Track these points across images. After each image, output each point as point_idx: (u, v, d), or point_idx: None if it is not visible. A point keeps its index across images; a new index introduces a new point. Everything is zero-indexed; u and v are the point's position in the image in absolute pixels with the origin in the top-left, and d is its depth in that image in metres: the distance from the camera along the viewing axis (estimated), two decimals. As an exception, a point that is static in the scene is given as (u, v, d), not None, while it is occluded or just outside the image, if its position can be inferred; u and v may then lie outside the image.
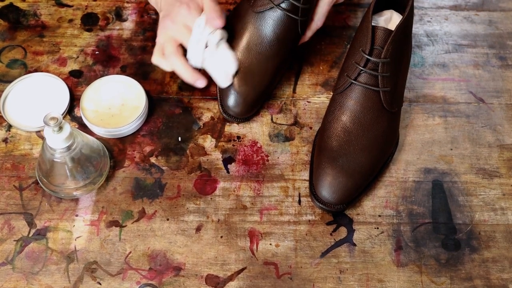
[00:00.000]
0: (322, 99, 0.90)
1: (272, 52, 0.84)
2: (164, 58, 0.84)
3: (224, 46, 0.83)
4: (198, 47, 0.81)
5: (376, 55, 0.77)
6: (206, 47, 0.82)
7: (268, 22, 0.83)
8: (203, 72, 0.85)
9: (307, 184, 0.82)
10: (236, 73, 0.84)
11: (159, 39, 0.85)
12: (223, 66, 0.82)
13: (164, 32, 0.84)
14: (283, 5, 0.81)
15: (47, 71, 0.91)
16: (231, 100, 0.84)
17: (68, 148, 0.74)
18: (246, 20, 0.85)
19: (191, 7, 0.82)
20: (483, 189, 0.82)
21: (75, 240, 0.77)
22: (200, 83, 0.83)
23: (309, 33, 0.88)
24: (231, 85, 0.84)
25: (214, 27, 0.81)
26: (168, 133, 0.86)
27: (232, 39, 0.85)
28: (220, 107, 0.86)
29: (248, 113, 0.85)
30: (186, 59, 0.83)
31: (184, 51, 0.83)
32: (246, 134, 0.86)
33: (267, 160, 0.84)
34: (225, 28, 0.83)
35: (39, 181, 0.80)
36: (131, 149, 0.84)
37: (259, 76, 0.84)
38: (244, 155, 0.84)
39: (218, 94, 0.87)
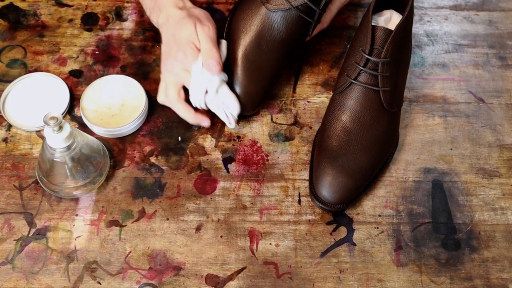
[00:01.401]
0: (322, 99, 0.90)
1: (282, 51, 0.84)
2: (165, 101, 0.85)
3: (225, 90, 0.82)
4: (199, 92, 0.81)
5: (376, 55, 0.77)
6: (207, 92, 0.81)
7: (282, 22, 0.82)
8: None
9: (307, 183, 0.82)
10: (244, 70, 0.83)
11: (162, 78, 0.85)
12: (225, 109, 0.82)
13: (167, 74, 0.84)
14: (300, 7, 0.81)
15: (47, 71, 0.91)
16: (239, 98, 0.84)
17: (68, 147, 0.74)
18: (258, 17, 0.84)
19: (186, 52, 0.81)
20: (483, 189, 0.82)
21: (75, 239, 0.77)
22: (205, 123, 0.84)
23: (313, 33, 0.88)
24: (238, 83, 0.83)
25: (211, 74, 0.80)
26: (168, 133, 0.86)
27: (239, 32, 0.85)
28: None
29: (253, 110, 0.86)
30: (189, 103, 0.83)
31: (187, 92, 0.83)
32: (246, 134, 0.86)
33: (267, 160, 0.84)
34: (224, 70, 0.82)
35: (39, 181, 0.80)
36: (131, 149, 0.84)
37: (266, 74, 0.84)
38: (244, 154, 0.84)
39: None
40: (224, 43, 0.85)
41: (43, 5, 0.99)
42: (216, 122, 0.87)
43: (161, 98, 0.85)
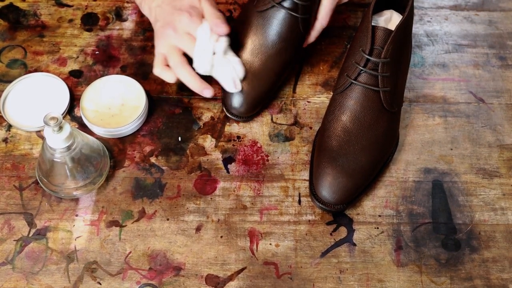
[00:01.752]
0: (322, 99, 0.90)
1: (275, 51, 0.84)
2: (166, 69, 0.83)
3: (231, 53, 0.82)
4: (205, 55, 0.80)
5: (376, 55, 0.77)
6: (213, 54, 0.81)
7: (271, 21, 0.83)
8: (209, 79, 0.84)
9: (307, 184, 0.82)
10: (244, 77, 0.84)
11: (159, 49, 0.83)
12: (231, 73, 0.82)
13: (165, 41, 0.82)
14: (284, 3, 0.81)
15: (47, 71, 0.91)
16: (235, 100, 0.84)
17: (68, 148, 0.74)
18: (249, 20, 0.85)
19: (192, 15, 0.80)
20: (483, 189, 0.82)
21: (75, 240, 0.77)
22: (208, 92, 0.82)
23: (313, 33, 0.87)
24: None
25: (219, 34, 0.80)
26: (168, 133, 0.86)
27: (237, 39, 0.85)
28: (223, 106, 0.86)
29: (251, 111, 0.85)
30: (193, 68, 0.82)
31: (188, 59, 0.83)
32: (246, 134, 0.86)
33: (267, 160, 0.84)
34: (229, 34, 0.82)
35: (39, 181, 0.80)
36: (131, 149, 0.84)
37: (262, 75, 0.84)
38: (244, 155, 0.84)
39: (222, 93, 0.87)
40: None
41: (43, 5, 0.99)
42: (216, 123, 0.87)
43: (157, 70, 0.83)
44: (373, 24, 0.78)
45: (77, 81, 0.91)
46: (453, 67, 0.94)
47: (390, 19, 0.83)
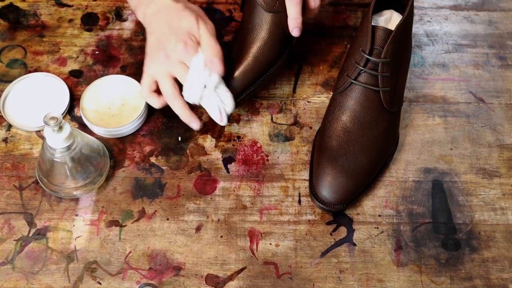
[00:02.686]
0: (322, 99, 0.90)
1: (249, 40, 0.83)
2: (153, 95, 0.81)
3: (222, 87, 0.80)
4: (196, 86, 0.79)
5: (376, 55, 0.77)
6: (204, 87, 0.79)
7: (246, 11, 0.84)
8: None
9: (307, 184, 0.82)
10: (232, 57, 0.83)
11: (149, 71, 0.81)
12: (220, 105, 0.80)
13: (157, 66, 0.80)
14: None
15: (47, 71, 0.91)
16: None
17: (68, 148, 0.74)
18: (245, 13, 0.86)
19: (188, 45, 0.78)
20: (483, 189, 0.82)
21: (75, 239, 0.77)
22: (195, 125, 0.80)
23: (289, 11, 0.81)
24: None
25: (213, 71, 0.78)
26: (168, 133, 0.86)
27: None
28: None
29: (237, 96, 0.83)
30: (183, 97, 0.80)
31: (178, 85, 0.81)
32: (246, 134, 0.86)
33: (267, 160, 0.84)
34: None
35: (39, 181, 0.80)
36: (131, 149, 0.84)
37: (245, 67, 0.83)
38: (244, 155, 0.84)
39: None
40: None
41: (43, 5, 0.99)
42: (216, 123, 0.87)
43: (144, 94, 0.82)
44: (373, 24, 0.78)
45: (77, 81, 0.91)
46: (453, 67, 0.94)
47: (390, 19, 0.83)
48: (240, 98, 0.84)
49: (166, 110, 0.88)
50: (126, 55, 0.93)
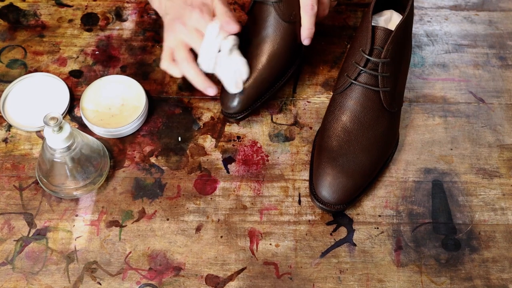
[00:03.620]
0: (322, 99, 0.90)
1: (263, 47, 0.84)
2: (173, 64, 0.82)
3: (237, 53, 0.81)
4: (211, 52, 0.80)
5: (376, 55, 0.77)
6: (219, 52, 0.80)
7: (255, 18, 0.84)
8: (212, 77, 0.84)
9: (307, 184, 0.82)
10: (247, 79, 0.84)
11: (167, 43, 0.83)
12: (235, 72, 0.81)
13: (174, 35, 0.82)
14: None
15: (47, 71, 0.91)
16: (229, 97, 0.83)
17: (68, 148, 0.74)
18: (246, 23, 0.87)
19: (204, 11, 0.80)
20: (483, 189, 0.82)
21: (75, 240, 0.77)
22: (211, 91, 0.81)
23: (304, 23, 0.84)
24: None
25: (229, 33, 0.79)
26: (168, 133, 0.86)
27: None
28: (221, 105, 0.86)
29: (245, 110, 0.84)
30: (198, 65, 0.82)
31: (194, 55, 0.82)
32: (246, 134, 0.86)
33: (267, 160, 0.84)
34: (239, 34, 0.82)
35: (39, 181, 0.80)
36: (131, 149, 0.84)
37: (256, 73, 0.83)
38: (244, 155, 0.84)
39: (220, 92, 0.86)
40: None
41: (43, 5, 0.99)
42: (216, 123, 0.87)
43: (165, 64, 0.83)
44: (373, 24, 0.78)
45: (77, 81, 0.91)
46: (453, 67, 0.94)
47: (390, 19, 0.83)
48: (255, 106, 0.85)
49: (166, 110, 0.88)
50: (126, 55, 0.93)
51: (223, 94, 0.84)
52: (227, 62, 0.81)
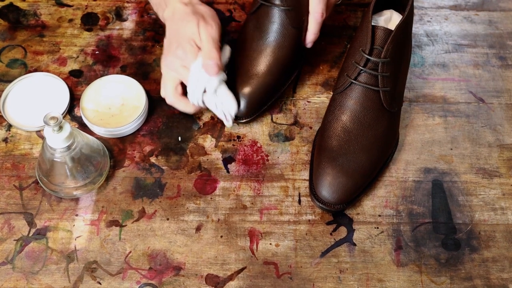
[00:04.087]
0: (322, 99, 0.90)
1: (270, 50, 0.84)
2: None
3: (223, 90, 0.81)
4: (197, 90, 0.81)
5: (376, 55, 0.77)
6: (205, 91, 0.81)
7: (261, 21, 0.84)
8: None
9: (307, 183, 0.82)
10: (240, 75, 0.84)
11: (162, 72, 0.85)
12: (223, 108, 0.82)
13: (166, 68, 0.84)
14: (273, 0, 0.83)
15: (47, 71, 0.91)
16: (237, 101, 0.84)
17: (68, 147, 0.74)
18: (245, 25, 0.87)
19: (186, 50, 0.80)
20: (483, 189, 0.82)
21: (75, 239, 0.77)
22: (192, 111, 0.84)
23: (311, 28, 0.85)
24: (236, 87, 0.83)
25: (209, 75, 0.80)
26: (168, 133, 0.86)
27: (240, 40, 0.87)
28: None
29: (251, 115, 0.85)
30: (186, 97, 0.83)
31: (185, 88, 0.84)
32: (246, 134, 0.86)
33: (267, 160, 0.84)
34: (224, 70, 0.83)
35: (39, 181, 0.80)
36: (131, 149, 0.84)
37: (263, 78, 0.84)
38: (244, 155, 0.84)
39: None
40: (227, 48, 0.85)
41: (43, 5, 0.99)
42: (216, 123, 0.87)
43: (162, 93, 0.85)
44: (373, 24, 0.78)
45: (77, 81, 0.91)
46: (453, 67, 0.94)
47: (390, 19, 0.83)
48: (260, 111, 0.86)
49: (166, 110, 0.88)
50: (126, 55, 0.93)
51: None
52: (213, 100, 0.82)
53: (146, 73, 0.91)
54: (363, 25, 0.78)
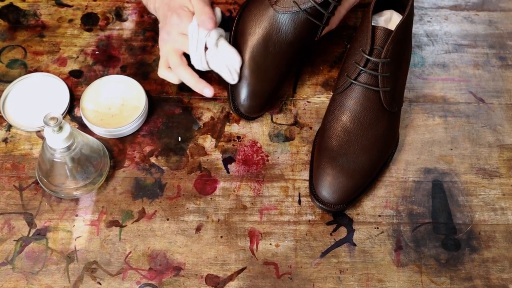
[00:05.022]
0: (322, 99, 0.90)
1: (289, 53, 0.84)
2: (169, 71, 0.85)
3: (224, 44, 0.82)
4: (198, 51, 0.81)
5: (376, 55, 0.77)
6: (206, 49, 0.82)
7: (290, 25, 0.82)
8: (210, 78, 0.85)
9: (307, 184, 0.82)
10: (251, 72, 0.83)
11: (161, 52, 0.86)
12: (227, 63, 0.82)
13: (164, 44, 0.84)
14: (309, 10, 0.81)
15: (47, 71, 0.91)
16: (245, 98, 0.84)
17: (68, 148, 0.74)
18: (266, 18, 0.83)
19: (181, 15, 0.82)
20: (483, 189, 0.82)
21: (75, 240, 0.77)
22: (208, 91, 0.83)
23: (321, 35, 0.87)
24: (245, 83, 0.83)
25: (207, 30, 0.81)
26: (168, 133, 0.86)
27: (246, 33, 0.85)
28: (231, 105, 0.86)
29: (259, 112, 0.86)
30: (191, 67, 0.83)
31: (188, 59, 0.84)
32: (246, 134, 0.86)
33: (267, 160, 0.84)
34: (221, 26, 0.84)
35: (39, 181, 0.80)
36: (131, 149, 0.84)
37: (273, 76, 0.84)
38: (244, 155, 0.84)
39: (229, 93, 0.86)
40: (218, 9, 0.85)
41: (43, 5, 0.99)
42: (216, 123, 0.87)
43: (161, 72, 0.85)
44: (373, 24, 0.78)
45: (77, 81, 0.91)
46: (453, 67, 0.94)
47: (390, 19, 0.83)
48: (269, 104, 0.87)
49: (166, 110, 0.88)
50: (126, 55, 0.93)
51: (235, 92, 0.85)
52: (216, 56, 0.82)
53: (146, 73, 0.91)
54: (363, 25, 0.78)
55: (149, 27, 0.97)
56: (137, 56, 0.93)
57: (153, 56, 0.93)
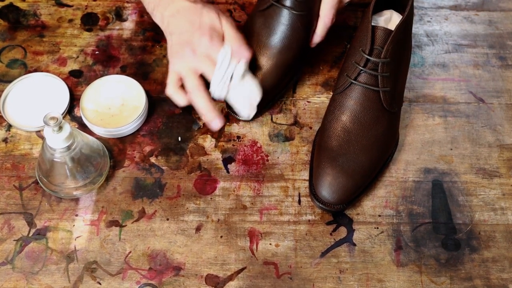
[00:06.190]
0: (322, 99, 0.90)
1: (277, 50, 0.84)
2: (179, 92, 0.81)
3: (250, 76, 0.81)
4: (224, 79, 0.79)
5: (376, 55, 0.77)
6: (231, 79, 0.80)
7: (270, 20, 0.83)
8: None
9: (307, 184, 0.82)
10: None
11: (175, 68, 0.81)
12: (249, 97, 0.81)
13: (183, 62, 0.80)
14: (284, 2, 0.82)
15: (47, 71, 0.91)
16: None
17: (68, 148, 0.74)
18: (252, 21, 0.86)
19: (213, 38, 0.78)
20: (483, 189, 0.82)
21: (75, 240, 0.77)
22: (216, 123, 0.80)
23: (318, 31, 0.86)
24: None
25: (242, 59, 0.79)
26: (168, 133, 0.86)
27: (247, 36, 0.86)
28: (227, 108, 0.86)
29: (260, 112, 0.86)
30: (209, 93, 0.81)
31: (205, 83, 0.81)
32: (246, 134, 0.86)
33: (267, 160, 0.84)
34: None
35: (39, 181, 0.80)
36: (131, 149, 0.84)
37: (266, 76, 0.84)
38: (244, 155, 0.84)
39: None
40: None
41: (43, 5, 0.99)
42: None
43: (170, 90, 0.81)
44: (373, 24, 0.78)
45: (77, 81, 0.91)
46: (453, 67, 0.94)
47: (390, 19, 0.83)
48: (262, 111, 0.87)
49: (166, 110, 0.88)
50: (126, 55, 0.93)
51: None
52: (240, 87, 0.81)
53: (146, 73, 0.91)
54: (363, 25, 0.78)
55: (149, 27, 0.97)
56: (137, 56, 0.93)
57: (153, 56, 0.93)
